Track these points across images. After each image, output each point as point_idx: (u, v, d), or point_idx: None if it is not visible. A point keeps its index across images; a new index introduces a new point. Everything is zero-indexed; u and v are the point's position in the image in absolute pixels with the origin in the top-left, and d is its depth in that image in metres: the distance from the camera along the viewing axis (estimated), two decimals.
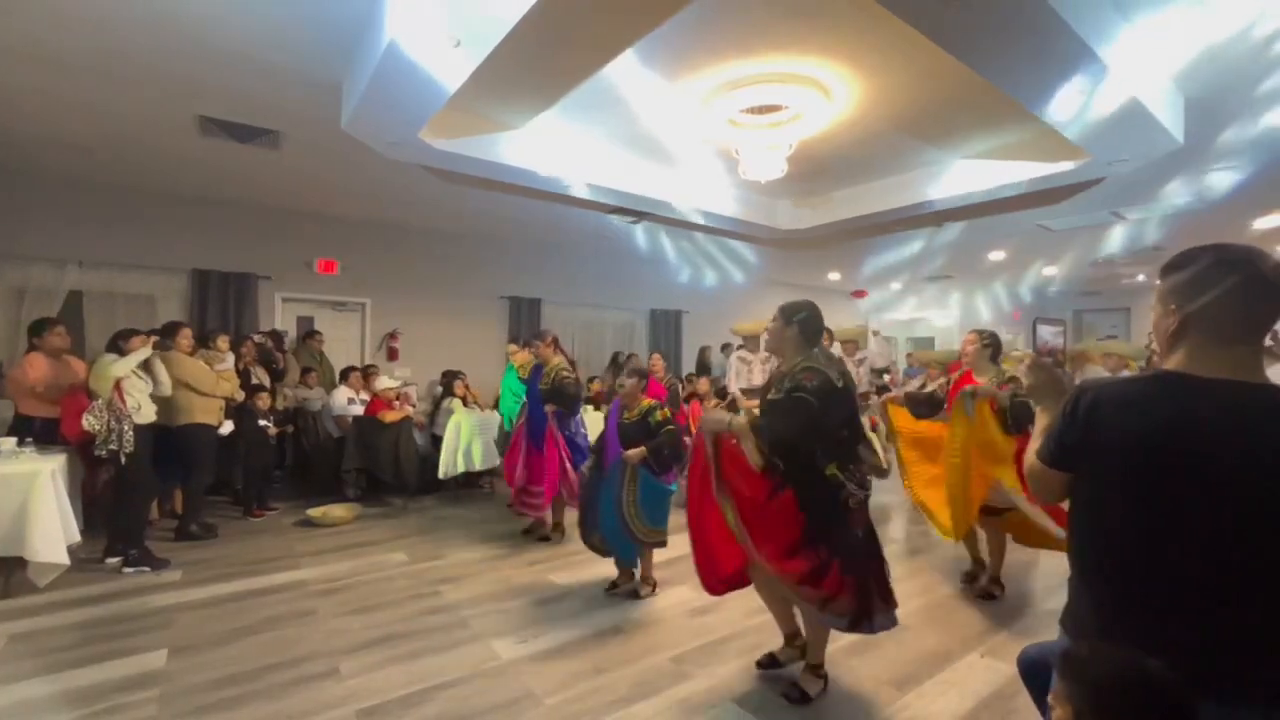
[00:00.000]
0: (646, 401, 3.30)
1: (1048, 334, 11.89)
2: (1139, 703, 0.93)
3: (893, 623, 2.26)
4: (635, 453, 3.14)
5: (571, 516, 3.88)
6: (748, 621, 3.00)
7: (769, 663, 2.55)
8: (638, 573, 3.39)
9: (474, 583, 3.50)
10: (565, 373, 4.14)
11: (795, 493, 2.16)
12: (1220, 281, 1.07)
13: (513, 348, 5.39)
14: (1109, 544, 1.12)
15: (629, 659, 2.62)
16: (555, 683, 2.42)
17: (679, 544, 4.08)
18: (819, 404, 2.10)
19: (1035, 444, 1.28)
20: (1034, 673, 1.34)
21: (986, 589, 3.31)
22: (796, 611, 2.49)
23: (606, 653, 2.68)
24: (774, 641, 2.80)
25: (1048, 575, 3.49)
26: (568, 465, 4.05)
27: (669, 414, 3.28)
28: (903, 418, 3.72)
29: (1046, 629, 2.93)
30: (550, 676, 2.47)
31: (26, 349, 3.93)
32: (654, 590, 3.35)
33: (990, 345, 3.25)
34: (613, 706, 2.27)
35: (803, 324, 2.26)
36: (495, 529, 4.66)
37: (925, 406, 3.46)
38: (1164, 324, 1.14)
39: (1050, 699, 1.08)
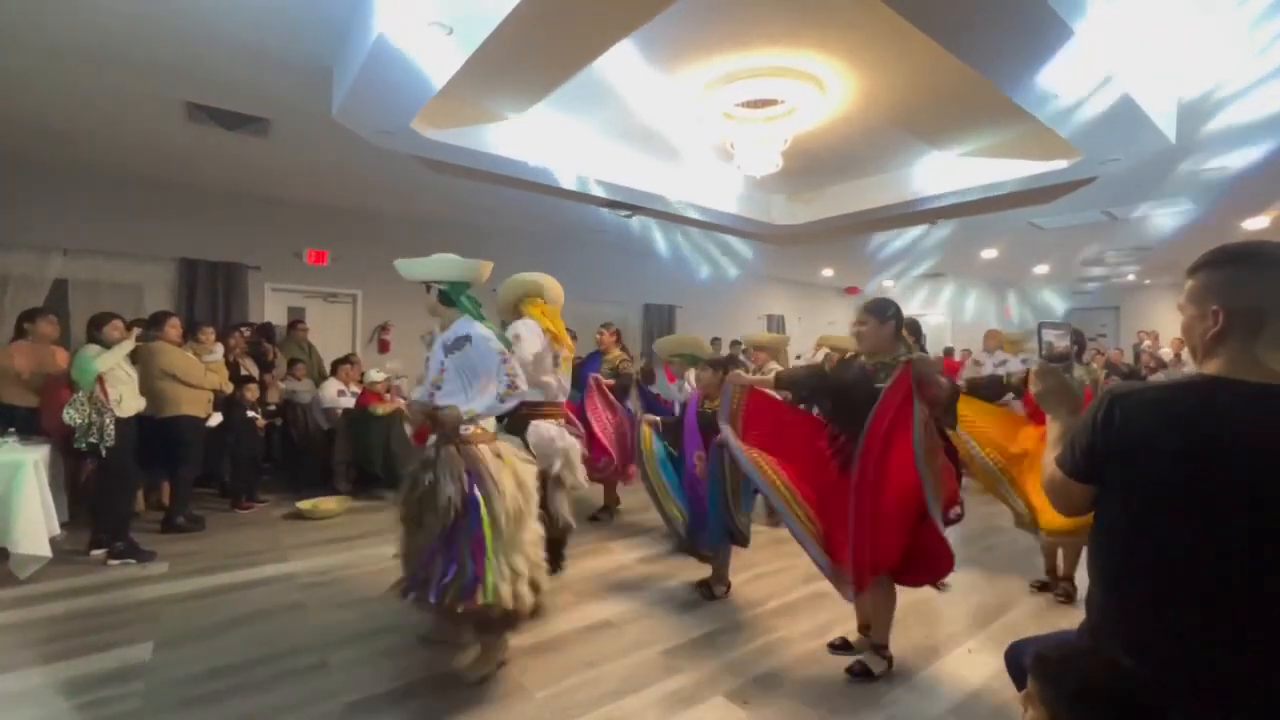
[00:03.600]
0: None
1: (1053, 337, 11.90)
2: (1114, 706, 0.92)
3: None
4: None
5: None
6: (738, 616, 3.01)
7: (841, 645, 2.64)
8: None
9: None
10: (626, 364, 4.59)
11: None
12: (1273, 279, 1.01)
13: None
14: (1145, 561, 1.05)
15: (620, 653, 2.62)
16: (546, 676, 2.42)
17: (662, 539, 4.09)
18: None
19: (1052, 454, 1.21)
20: (1021, 668, 1.34)
21: (1067, 590, 3.27)
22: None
23: (597, 646, 2.68)
24: (764, 634, 2.82)
25: (1030, 571, 3.52)
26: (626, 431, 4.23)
27: None
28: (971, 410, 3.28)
29: (1033, 624, 2.96)
30: (541, 670, 2.46)
31: (13, 337, 3.87)
32: (728, 591, 3.24)
33: (1077, 344, 3.34)
34: (603, 700, 2.27)
35: (897, 318, 2.39)
36: None
37: (988, 390, 3.36)
38: (1201, 325, 1.07)
39: (1021, 699, 1.07)
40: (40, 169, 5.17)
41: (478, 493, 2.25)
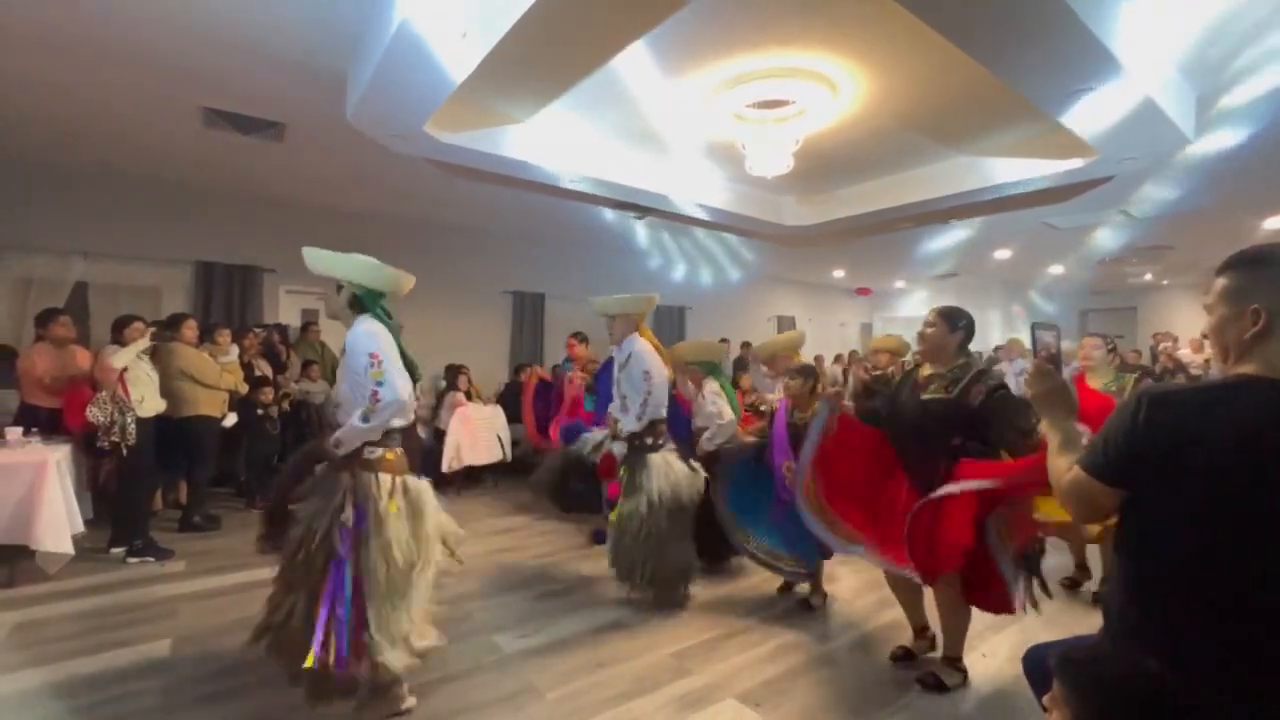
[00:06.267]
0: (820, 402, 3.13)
1: (1048, 339, 11.79)
2: (1143, 709, 0.91)
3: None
4: None
5: None
6: (749, 618, 3.00)
7: (903, 655, 2.58)
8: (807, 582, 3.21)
9: (476, 576, 3.50)
10: None
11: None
12: None
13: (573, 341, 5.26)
14: (1182, 564, 1.02)
15: (630, 654, 2.63)
16: (557, 677, 2.43)
17: None
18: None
19: (1067, 458, 1.17)
20: (1039, 673, 1.33)
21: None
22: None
23: (608, 648, 2.68)
24: (776, 636, 2.81)
25: (1049, 577, 3.47)
26: None
27: None
28: None
29: (1049, 629, 2.92)
30: (552, 671, 2.47)
31: (34, 339, 3.95)
32: (825, 601, 3.17)
33: (1113, 350, 3.31)
34: (613, 701, 2.27)
35: (967, 329, 2.34)
36: (498, 523, 4.66)
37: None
38: (1238, 325, 1.05)
39: (1046, 702, 1.06)
40: (62, 173, 5.27)
41: (362, 533, 1.93)
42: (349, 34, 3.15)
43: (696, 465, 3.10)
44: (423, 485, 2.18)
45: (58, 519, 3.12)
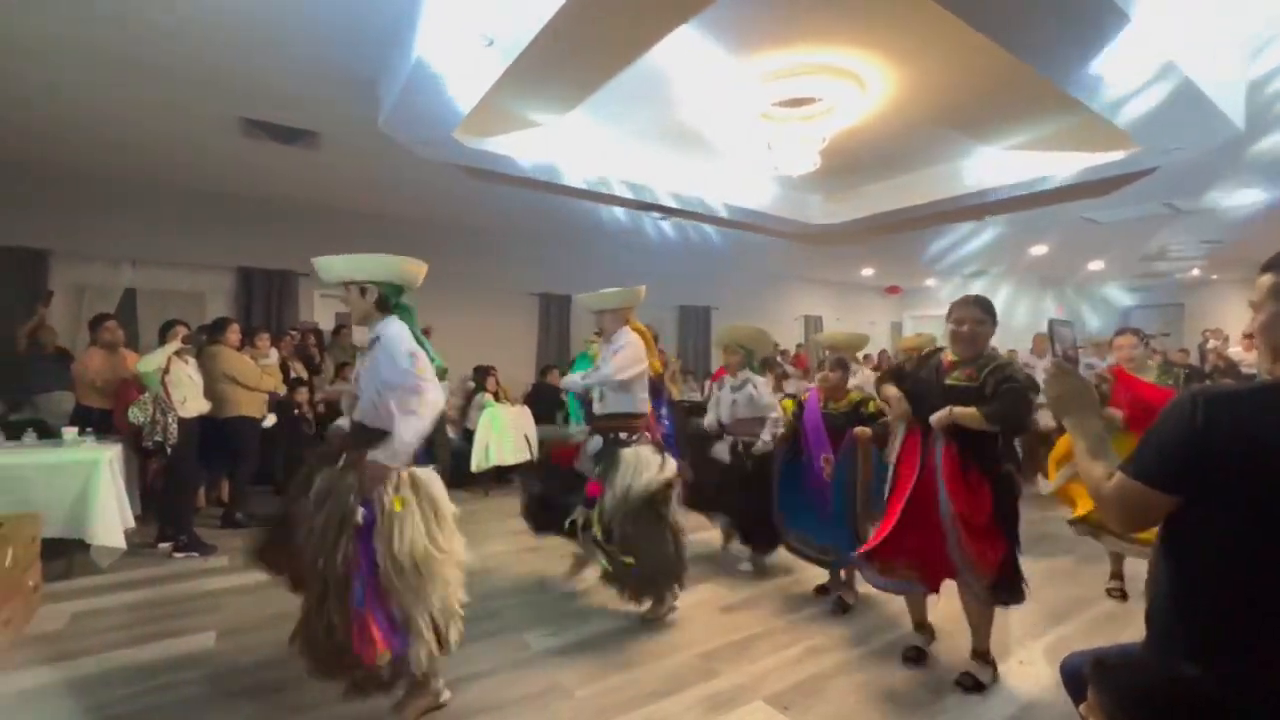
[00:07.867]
0: (856, 393, 3.16)
1: (1066, 334, 11.40)
2: (1176, 715, 0.88)
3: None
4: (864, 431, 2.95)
5: None
6: (776, 620, 2.98)
7: (916, 656, 2.58)
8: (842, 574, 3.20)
9: (505, 575, 3.55)
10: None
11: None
12: None
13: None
14: (1231, 573, 0.97)
15: (658, 654, 2.63)
16: (584, 676, 2.44)
17: (708, 540, 4.08)
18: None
19: (1103, 465, 1.12)
20: (1076, 681, 1.29)
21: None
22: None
23: (636, 648, 2.69)
24: (806, 638, 2.78)
25: (1084, 583, 3.36)
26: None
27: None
28: None
29: (1086, 637, 2.83)
30: (580, 669, 2.49)
31: (89, 343, 4.16)
32: (857, 599, 3.12)
33: (1146, 344, 3.21)
34: (641, 701, 2.27)
35: (995, 316, 2.38)
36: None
37: None
38: None
39: (1083, 710, 1.03)
40: (112, 185, 5.52)
41: (376, 531, 1.94)
42: (380, 43, 3.22)
43: (667, 455, 2.96)
44: (429, 473, 2.15)
45: (111, 515, 3.27)
